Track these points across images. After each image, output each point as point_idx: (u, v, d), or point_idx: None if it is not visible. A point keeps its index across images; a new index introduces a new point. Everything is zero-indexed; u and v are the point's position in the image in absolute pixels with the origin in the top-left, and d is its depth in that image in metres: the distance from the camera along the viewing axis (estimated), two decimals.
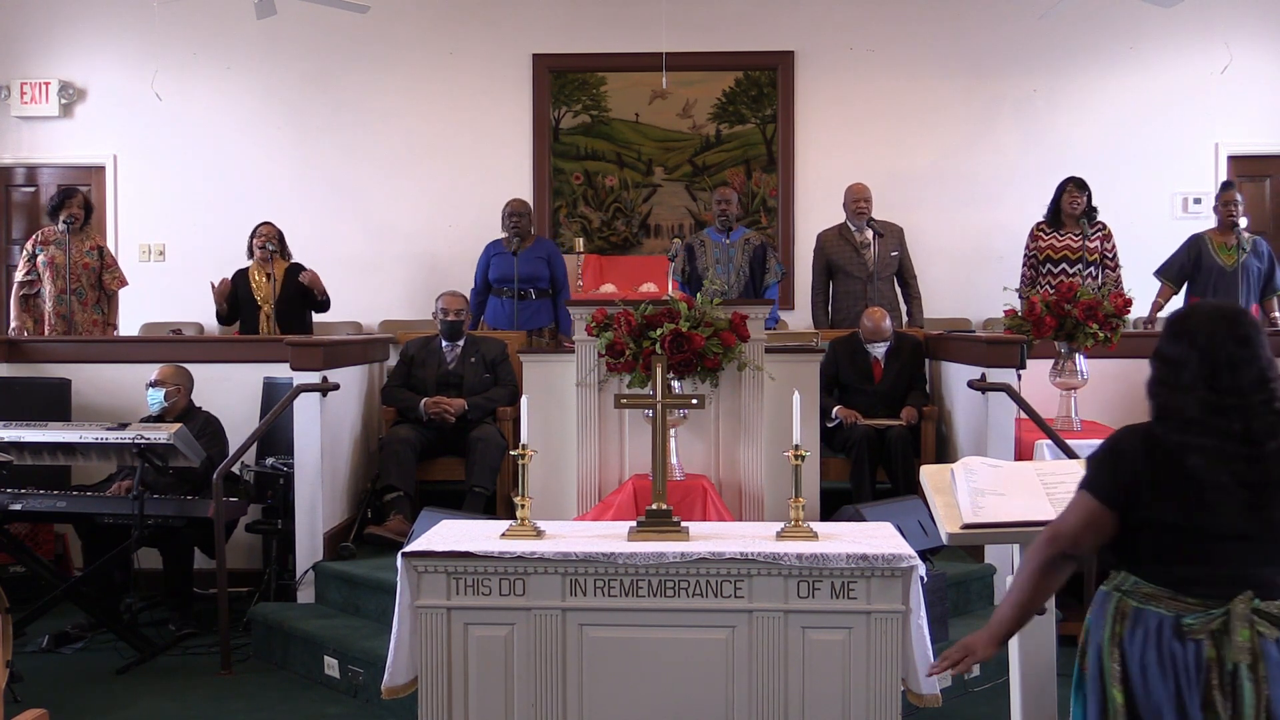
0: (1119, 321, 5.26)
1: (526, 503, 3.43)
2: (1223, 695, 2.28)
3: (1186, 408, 2.31)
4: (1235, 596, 2.27)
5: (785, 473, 3.83)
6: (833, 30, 8.30)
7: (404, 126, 8.37)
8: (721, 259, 6.59)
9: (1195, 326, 2.35)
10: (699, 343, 4.43)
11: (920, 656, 3.20)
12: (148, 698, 4.57)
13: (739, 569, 3.18)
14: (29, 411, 5.44)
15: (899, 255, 6.91)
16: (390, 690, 3.34)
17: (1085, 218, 6.53)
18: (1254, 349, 2.32)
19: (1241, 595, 2.27)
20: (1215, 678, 2.28)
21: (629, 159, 8.41)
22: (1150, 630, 2.34)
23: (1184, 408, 2.32)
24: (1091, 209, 6.57)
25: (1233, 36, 8.14)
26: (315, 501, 5.19)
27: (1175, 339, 2.37)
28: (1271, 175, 8.39)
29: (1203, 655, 2.29)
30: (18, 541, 5.28)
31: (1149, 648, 2.34)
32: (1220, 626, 2.28)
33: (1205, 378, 2.30)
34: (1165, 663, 2.32)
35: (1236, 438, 2.28)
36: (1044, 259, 6.54)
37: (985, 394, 5.11)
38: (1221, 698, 2.28)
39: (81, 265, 6.68)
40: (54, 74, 8.36)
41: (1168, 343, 2.38)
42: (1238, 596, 2.27)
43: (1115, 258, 6.57)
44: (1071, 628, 4.85)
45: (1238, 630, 2.26)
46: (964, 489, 3.13)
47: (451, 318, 5.83)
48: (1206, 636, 2.29)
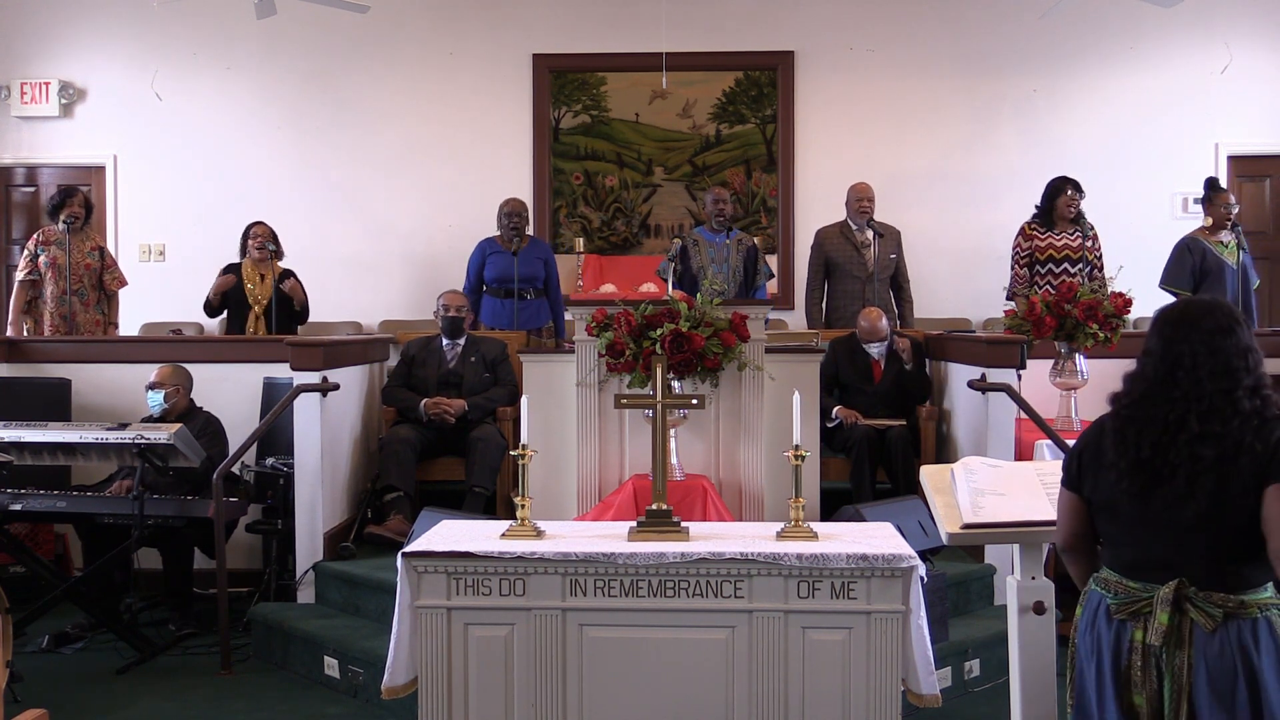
0: (1119, 321, 5.26)
1: (526, 503, 3.43)
2: (1145, 678, 2.34)
3: (1133, 391, 2.42)
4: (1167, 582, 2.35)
5: (785, 473, 3.83)
6: (833, 30, 8.31)
7: (404, 126, 8.37)
8: (717, 259, 6.57)
9: (1168, 319, 2.45)
10: (699, 343, 4.43)
11: (920, 656, 3.20)
12: (148, 698, 4.57)
13: (739, 569, 3.18)
14: (29, 411, 5.44)
15: (896, 258, 6.90)
16: (390, 690, 3.34)
17: (1080, 218, 6.53)
18: (1224, 339, 2.36)
19: (1170, 582, 2.33)
20: (1139, 659, 2.35)
21: (629, 159, 8.41)
22: (1090, 609, 2.49)
23: (1131, 391, 2.42)
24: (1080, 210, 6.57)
25: (1233, 36, 8.14)
26: (315, 501, 5.19)
27: (1152, 331, 2.47)
28: (1271, 175, 8.40)
29: (1126, 637, 2.39)
30: (18, 541, 5.27)
31: (1086, 627, 2.48)
32: (1146, 610, 2.35)
33: (1166, 365, 2.38)
34: (1094, 642, 2.45)
35: (1168, 422, 2.33)
36: (1044, 258, 6.50)
37: (985, 394, 5.11)
38: (1140, 679, 2.34)
39: (83, 266, 6.68)
40: (54, 74, 8.36)
41: (1148, 335, 2.48)
42: (1168, 582, 2.34)
43: (1101, 259, 6.56)
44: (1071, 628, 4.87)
45: (1158, 613, 2.32)
46: (964, 489, 3.13)
47: (453, 314, 5.83)
48: (1133, 618, 2.37)
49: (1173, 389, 2.35)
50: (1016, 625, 3.08)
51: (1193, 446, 2.31)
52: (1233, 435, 2.30)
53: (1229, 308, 2.45)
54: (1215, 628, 2.29)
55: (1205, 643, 2.30)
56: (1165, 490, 2.32)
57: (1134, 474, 2.35)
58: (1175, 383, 2.35)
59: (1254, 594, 2.32)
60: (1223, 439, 2.30)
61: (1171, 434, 2.33)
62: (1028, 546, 3.11)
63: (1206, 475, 2.29)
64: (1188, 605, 2.32)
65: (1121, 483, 2.37)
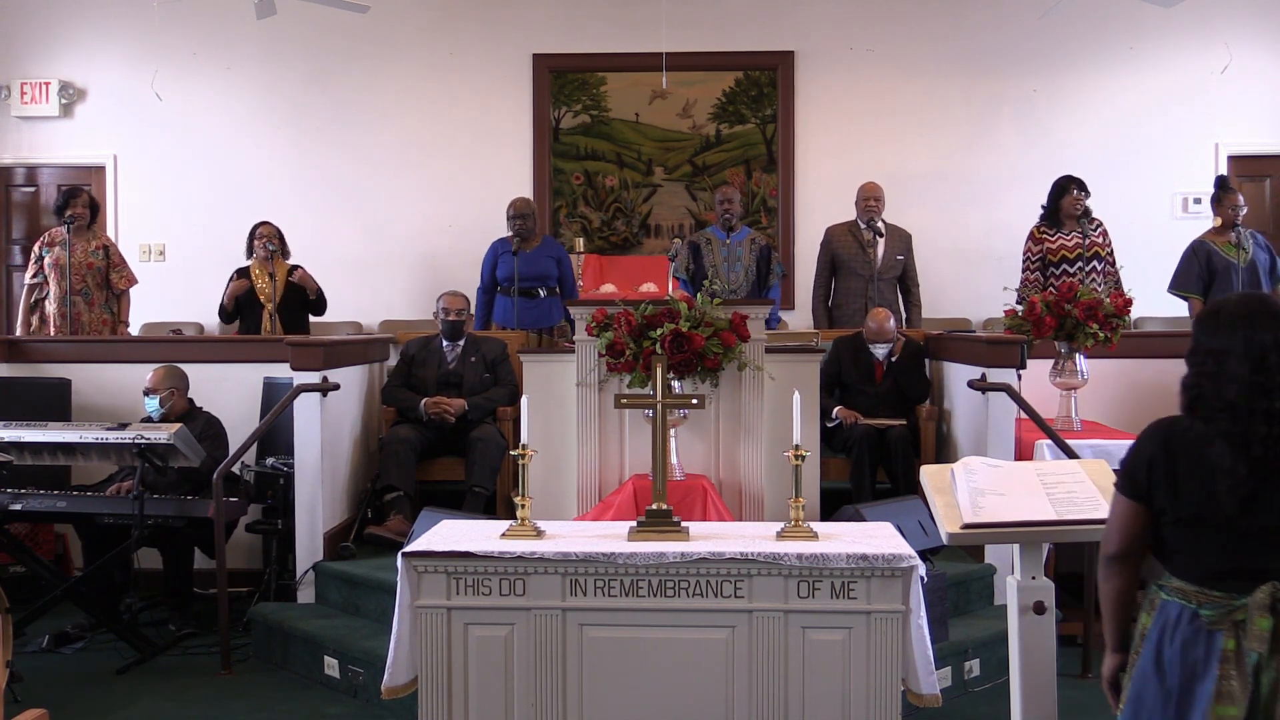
0: (1119, 321, 5.26)
1: (526, 503, 3.43)
2: (1241, 686, 2.26)
3: (1227, 393, 2.30)
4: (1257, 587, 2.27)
5: (785, 473, 3.83)
6: (833, 30, 8.31)
7: (404, 126, 8.37)
8: (728, 258, 6.59)
9: (1233, 316, 2.35)
10: (699, 343, 4.43)
11: (920, 656, 3.20)
12: (148, 698, 4.57)
13: (739, 569, 3.18)
14: (29, 411, 5.44)
15: (904, 260, 6.90)
16: (390, 690, 3.34)
17: (1083, 216, 6.52)
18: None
19: (1263, 586, 2.26)
20: (1233, 668, 2.27)
21: (629, 159, 8.41)
22: (1170, 621, 2.36)
23: (1225, 393, 2.31)
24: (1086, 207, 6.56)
25: (1233, 36, 8.14)
26: (315, 501, 5.19)
27: (1214, 332, 2.36)
28: (1271, 175, 8.40)
29: (1216, 647, 2.29)
30: (18, 541, 5.27)
31: (1166, 638, 2.36)
32: (1241, 618, 2.27)
33: (1253, 361, 2.29)
34: (1178, 654, 2.33)
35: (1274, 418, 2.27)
36: (1056, 260, 6.46)
37: (985, 394, 5.10)
38: (1239, 688, 2.26)
39: (86, 265, 6.68)
40: (54, 74, 8.37)
41: (1208, 336, 2.37)
42: (1260, 587, 2.26)
43: (1113, 254, 6.56)
44: (1071, 628, 4.88)
45: (1255, 619, 2.25)
46: (964, 489, 3.13)
47: (453, 317, 5.83)
48: (1227, 628, 2.29)
49: (1267, 382, 2.28)
50: (1016, 625, 3.08)
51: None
52: None
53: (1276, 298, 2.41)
54: None
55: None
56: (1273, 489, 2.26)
57: (1253, 479, 2.27)
58: (1268, 374, 2.28)
59: None
60: None
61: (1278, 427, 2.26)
62: (1028, 546, 3.11)
63: None
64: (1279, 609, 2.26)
65: (1239, 488, 2.27)
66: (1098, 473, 3.19)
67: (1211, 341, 2.36)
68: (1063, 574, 4.85)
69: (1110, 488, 2.55)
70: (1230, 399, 2.30)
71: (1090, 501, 3.06)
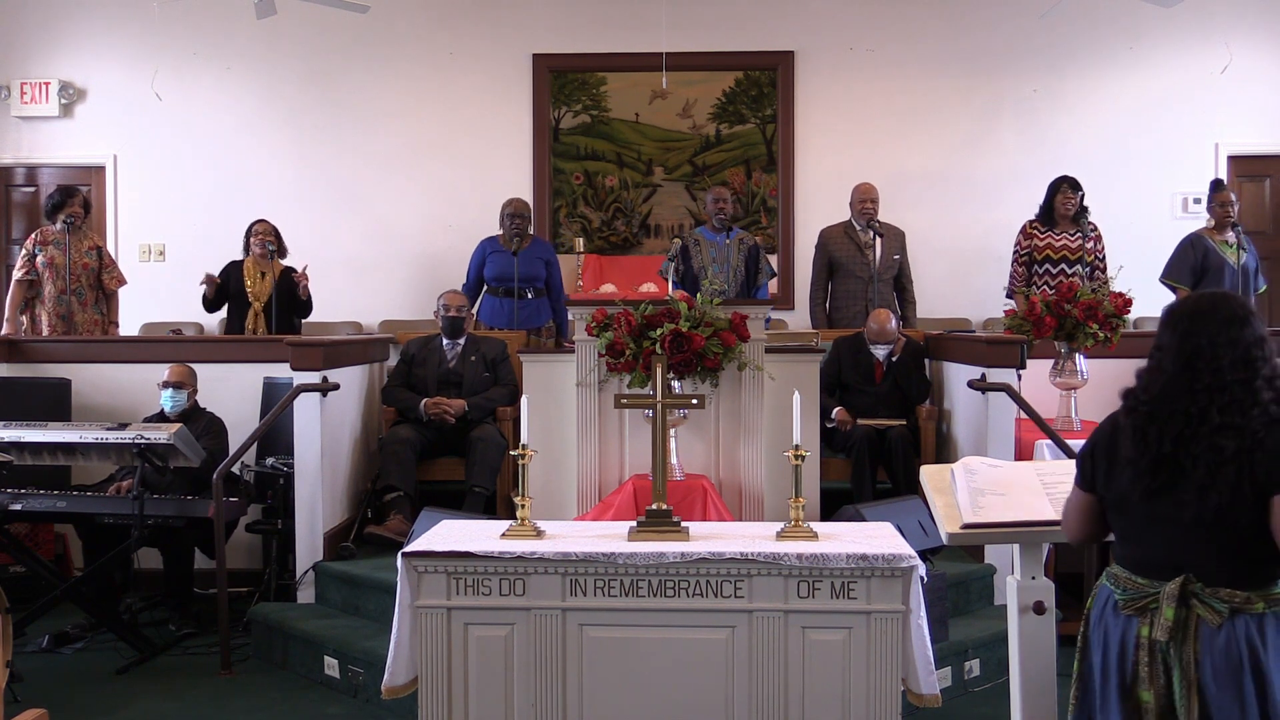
0: (1119, 321, 5.26)
1: (526, 503, 3.43)
2: (1152, 673, 2.35)
3: (1151, 387, 2.39)
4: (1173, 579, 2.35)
5: (785, 473, 3.83)
6: (833, 30, 8.31)
7: (404, 126, 8.37)
8: (719, 258, 6.57)
9: (1181, 313, 2.42)
10: (699, 343, 4.43)
11: (920, 656, 3.20)
12: (148, 698, 4.57)
13: (739, 569, 3.18)
14: (29, 411, 5.44)
15: (900, 259, 6.90)
16: (390, 690, 3.34)
17: (1079, 218, 6.53)
18: (1240, 329, 2.35)
19: (1177, 578, 2.34)
20: (1146, 655, 2.36)
21: (629, 159, 8.41)
22: (1100, 604, 2.49)
23: (1149, 388, 2.39)
24: (1083, 209, 6.57)
25: (1233, 36, 8.14)
26: (315, 501, 5.19)
27: (1164, 326, 2.44)
28: (1271, 175, 8.39)
29: (1132, 632, 2.39)
30: (18, 541, 5.27)
31: (1097, 621, 2.48)
32: (1153, 605, 2.36)
33: (1184, 359, 2.35)
34: (1103, 636, 2.45)
35: (1189, 416, 2.32)
36: (1042, 258, 6.52)
37: (985, 394, 5.10)
38: (1149, 675, 2.35)
39: (81, 265, 6.67)
40: (54, 74, 8.36)
41: (1159, 331, 2.45)
42: (1175, 578, 2.34)
43: (1104, 260, 6.57)
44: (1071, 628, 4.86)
45: (1164, 608, 2.33)
46: (964, 489, 3.13)
47: (453, 314, 5.83)
48: (1140, 614, 2.38)
49: (1194, 381, 2.32)
50: (1016, 625, 3.08)
51: (1214, 438, 2.29)
52: (1251, 427, 2.28)
53: (1241, 299, 2.43)
54: (1221, 623, 2.30)
55: (1211, 638, 2.31)
56: (1183, 485, 2.31)
57: (1155, 471, 2.33)
58: (1196, 374, 2.33)
59: (1261, 590, 2.32)
60: (1243, 431, 2.28)
61: (1194, 427, 2.31)
62: (1028, 546, 3.11)
63: (1227, 467, 2.27)
64: (1194, 601, 2.32)
65: (1141, 480, 2.35)
66: None
67: (1159, 336, 2.44)
68: (1063, 574, 4.86)
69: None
70: (1153, 394, 2.38)
71: None
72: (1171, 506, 2.33)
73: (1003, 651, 4.12)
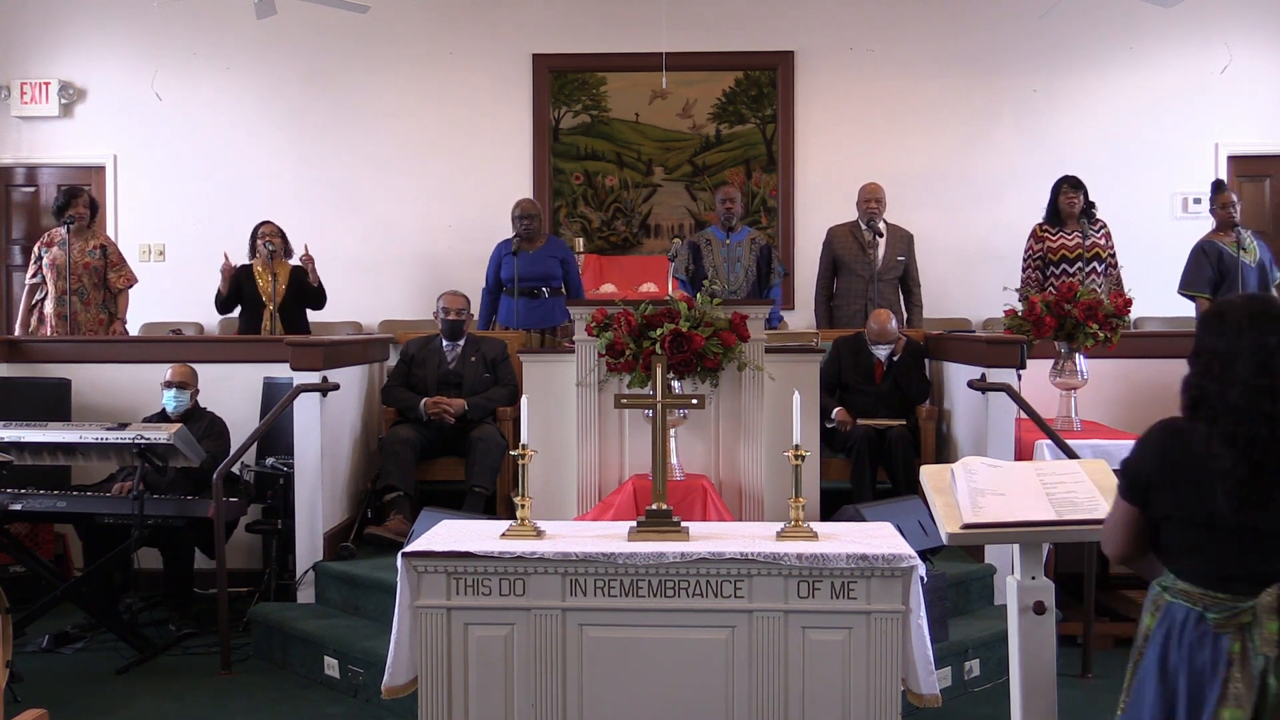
0: (1119, 321, 5.26)
1: (526, 503, 3.43)
2: (1246, 689, 2.25)
3: (1231, 395, 2.28)
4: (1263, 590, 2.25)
5: (785, 473, 3.82)
6: (833, 30, 8.31)
7: (404, 126, 8.37)
8: (728, 258, 6.59)
9: (1239, 317, 2.32)
10: (699, 343, 4.43)
11: (920, 656, 3.20)
12: (148, 698, 4.57)
13: (739, 569, 3.18)
14: (29, 411, 5.44)
15: (905, 260, 6.90)
16: (390, 690, 3.34)
17: (1085, 216, 6.53)
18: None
19: (1270, 589, 2.25)
20: (1239, 671, 2.26)
21: (629, 159, 8.41)
22: (1176, 624, 2.35)
23: (1229, 395, 2.28)
24: (1089, 206, 6.56)
25: (1233, 36, 8.14)
26: (315, 501, 5.19)
27: (1219, 333, 2.34)
28: (1271, 175, 8.40)
29: (1222, 650, 2.28)
30: (18, 541, 5.27)
31: (1172, 641, 2.35)
32: (1248, 620, 2.26)
33: (1258, 364, 2.27)
34: (1185, 657, 2.32)
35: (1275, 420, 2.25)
36: (1057, 259, 6.49)
37: (985, 394, 5.10)
38: (1245, 691, 2.25)
39: (83, 265, 6.68)
40: (54, 74, 8.37)
41: (1213, 338, 2.34)
42: (1266, 589, 2.25)
43: (1114, 255, 6.57)
44: (1071, 628, 4.88)
45: (1264, 623, 2.24)
46: (964, 489, 3.13)
47: (453, 317, 5.83)
48: (1233, 630, 2.28)
49: (1274, 382, 2.25)
50: (1016, 625, 3.07)
51: None
52: None
53: None
54: None
55: None
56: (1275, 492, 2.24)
57: (1252, 479, 2.25)
58: (1275, 375, 2.25)
59: None
60: None
61: None
62: (1028, 546, 3.11)
63: None
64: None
65: (1239, 491, 2.25)
66: (1098, 473, 3.18)
67: (1216, 343, 2.33)
68: (1063, 574, 4.85)
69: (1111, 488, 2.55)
70: (1233, 401, 2.28)
71: (1090, 501, 3.06)
72: (1267, 515, 2.25)
73: (1003, 651, 4.12)
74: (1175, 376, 2.41)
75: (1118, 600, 5.39)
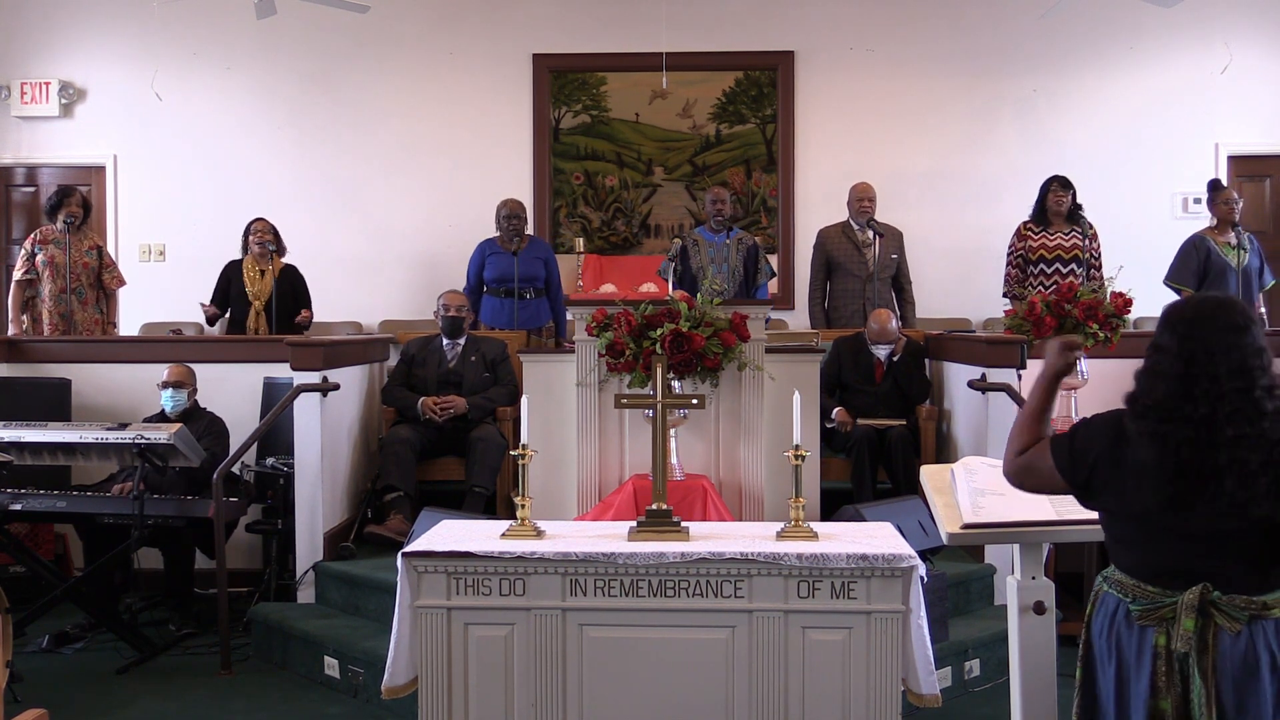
0: (1119, 321, 5.26)
1: (526, 503, 3.43)
2: (1169, 683, 2.31)
3: (1154, 391, 2.32)
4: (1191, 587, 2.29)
5: (785, 473, 3.83)
6: (833, 30, 8.31)
7: (404, 126, 8.37)
8: (717, 259, 6.58)
9: (1181, 315, 2.36)
10: (699, 343, 4.43)
11: (920, 656, 3.20)
12: (148, 698, 4.57)
13: (739, 569, 3.18)
14: (29, 411, 5.44)
15: (898, 258, 6.91)
16: (390, 690, 3.34)
17: (1071, 216, 6.53)
18: (1239, 337, 2.29)
19: (1194, 587, 2.29)
20: (1164, 665, 2.31)
21: (629, 159, 8.41)
22: (1108, 614, 2.42)
23: (1153, 392, 2.32)
24: (1077, 207, 6.56)
25: (1233, 36, 8.14)
26: (315, 501, 5.19)
27: (1163, 328, 2.38)
28: (1271, 175, 8.40)
29: (1148, 642, 2.34)
30: (18, 541, 5.27)
31: (1104, 631, 2.41)
32: (1170, 615, 2.31)
33: (1183, 363, 2.30)
34: (1114, 647, 2.39)
35: (1198, 422, 2.26)
36: (1036, 258, 6.52)
37: (985, 394, 5.11)
38: (1167, 685, 2.31)
39: (81, 265, 6.67)
40: (54, 74, 8.36)
41: (1158, 332, 2.39)
42: (1191, 588, 2.29)
43: (1099, 259, 6.57)
44: (1071, 627, 4.86)
45: (1183, 619, 2.28)
46: (964, 489, 3.13)
47: (453, 314, 5.83)
48: (1156, 624, 2.33)
49: (1193, 386, 2.27)
50: (1016, 625, 3.08)
51: (1234, 450, 2.23)
52: (1265, 436, 2.23)
53: (1242, 305, 2.38)
54: (1240, 631, 2.26)
55: (1230, 646, 2.27)
56: (1208, 496, 2.25)
57: (1175, 479, 2.26)
58: (1194, 380, 2.27)
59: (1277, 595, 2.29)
60: (1259, 441, 2.23)
61: (1206, 434, 2.25)
62: (1028, 546, 3.11)
63: (1258, 480, 2.22)
64: (1212, 610, 2.28)
65: (1163, 489, 2.27)
66: None
67: (1158, 338, 2.37)
68: (1063, 574, 4.86)
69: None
70: (1157, 398, 2.31)
71: None
72: (1198, 517, 2.26)
73: (1003, 651, 4.12)
74: None
75: None
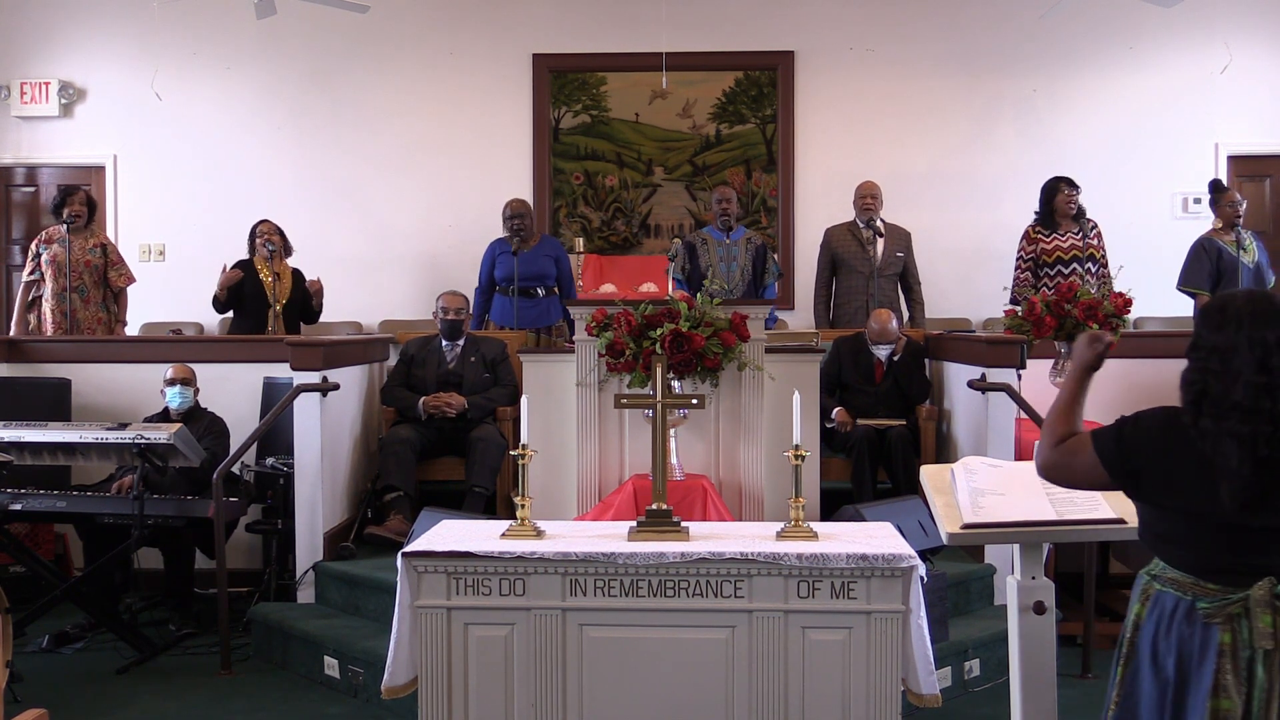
0: (1119, 321, 5.26)
1: (526, 503, 3.43)
2: (1236, 680, 2.26)
3: (1234, 392, 2.27)
4: (1255, 583, 2.26)
5: (785, 473, 3.83)
6: (833, 30, 8.31)
7: (404, 126, 8.37)
8: (724, 258, 6.59)
9: (1239, 313, 2.31)
10: (699, 343, 4.43)
11: (920, 656, 3.20)
12: (148, 698, 4.57)
13: (739, 569, 3.18)
14: (29, 411, 5.44)
15: (904, 257, 6.91)
16: (390, 690, 3.34)
17: (1080, 216, 6.53)
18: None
19: (1262, 581, 2.26)
20: (1229, 662, 2.27)
21: (629, 159, 8.41)
22: (1165, 612, 2.35)
23: (1231, 392, 2.27)
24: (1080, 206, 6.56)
25: (1232, 36, 8.14)
26: (315, 501, 5.19)
27: (1220, 327, 2.32)
28: (1271, 175, 8.40)
29: (1212, 640, 2.29)
30: (18, 541, 5.27)
31: (1162, 631, 2.35)
32: (1238, 611, 2.27)
33: (1257, 361, 2.26)
34: (1173, 646, 2.33)
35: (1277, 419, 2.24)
36: (1052, 260, 6.48)
37: (985, 394, 5.10)
38: (1235, 682, 2.26)
39: (84, 263, 6.68)
40: (54, 74, 8.37)
41: (1213, 332, 2.33)
42: (1258, 583, 2.26)
43: (1105, 256, 6.56)
44: (1071, 627, 4.88)
45: (1259, 616, 2.25)
46: (964, 489, 3.13)
47: (451, 317, 5.83)
48: (1223, 621, 2.28)
49: (1270, 380, 2.24)
50: (1016, 625, 3.08)
51: None
52: None
53: None
54: None
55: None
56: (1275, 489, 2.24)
57: (1257, 479, 2.24)
58: (1272, 373, 2.24)
59: None
60: None
61: None
62: (1028, 546, 3.11)
63: None
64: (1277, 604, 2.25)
65: (1246, 489, 2.24)
66: None
67: (1216, 337, 2.32)
68: (1063, 574, 4.86)
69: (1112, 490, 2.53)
70: (1237, 399, 2.26)
71: (1090, 501, 3.06)
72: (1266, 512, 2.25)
73: (1003, 651, 4.12)
74: (1175, 376, 2.40)
75: (1118, 600, 5.38)
